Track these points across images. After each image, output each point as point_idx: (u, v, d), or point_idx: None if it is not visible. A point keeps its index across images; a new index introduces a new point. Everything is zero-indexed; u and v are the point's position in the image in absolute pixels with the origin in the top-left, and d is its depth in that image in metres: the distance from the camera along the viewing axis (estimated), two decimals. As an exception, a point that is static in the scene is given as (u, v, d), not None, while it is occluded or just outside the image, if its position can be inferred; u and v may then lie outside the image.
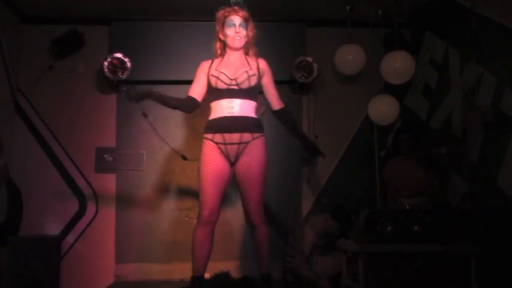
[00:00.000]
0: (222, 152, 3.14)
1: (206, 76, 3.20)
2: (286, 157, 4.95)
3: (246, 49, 3.29)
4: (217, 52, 3.30)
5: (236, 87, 3.13)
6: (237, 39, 3.20)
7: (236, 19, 3.20)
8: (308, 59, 4.89)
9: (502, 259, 3.59)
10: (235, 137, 3.12)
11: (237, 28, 3.19)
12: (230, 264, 4.58)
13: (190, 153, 4.82)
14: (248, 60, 3.24)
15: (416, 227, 3.46)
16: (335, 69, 4.89)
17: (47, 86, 4.93)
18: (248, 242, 4.75)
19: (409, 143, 4.51)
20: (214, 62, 3.25)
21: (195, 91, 3.25)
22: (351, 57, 4.70)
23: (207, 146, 3.16)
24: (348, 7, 4.59)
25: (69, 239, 4.81)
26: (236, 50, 3.24)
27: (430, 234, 3.49)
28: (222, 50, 3.29)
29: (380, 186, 4.85)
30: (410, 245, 3.46)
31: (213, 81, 3.16)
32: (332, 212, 4.43)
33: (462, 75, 4.27)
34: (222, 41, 3.27)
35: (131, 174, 4.92)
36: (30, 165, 4.86)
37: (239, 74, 3.15)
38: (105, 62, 4.70)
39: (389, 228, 3.46)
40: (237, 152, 3.13)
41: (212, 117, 3.19)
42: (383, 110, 4.69)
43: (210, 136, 3.16)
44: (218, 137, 3.13)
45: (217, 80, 3.15)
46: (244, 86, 3.14)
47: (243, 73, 3.15)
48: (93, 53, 4.95)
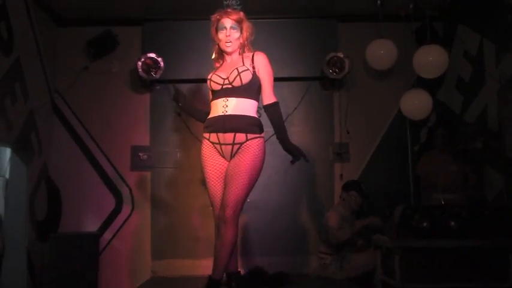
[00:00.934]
0: (218, 152, 3.18)
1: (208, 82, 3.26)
2: (318, 153, 4.96)
3: (242, 49, 3.27)
4: (214, 56, 3.35)
5: (229, 86, 3.13)
6: (228, 44, 3.19)
7: (227, 22, 3.19)
8: (339, 54, 4.87)
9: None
10: (228, 137, 3.11)
11: (228, 31, 3.18)
12: (265, 260, 4.63)
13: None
14: (244, 58, 3.22)
15: (452, 223, 3.44)
16: (366, 65, 4.86)
17: (83, 87, 5.05)
18: (282, 238, 4.83)
19: (444, 137, 4.47)
20: (216, 68, 3.31)
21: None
22: (382, 52, 4.66)
23: (205, 147, 3.21)
24: (379, 1, 4.55)
25: (107, 235, 4.92)
26: (229, 54, 3.25)
27: (466, 229, 3.47)
28: (219, 53, 3.31)
29: (414, 181, 4.81)
30: (447, 240, 3.44)
31: (210, 84, 3.22)
32: (358, 188, 4.51)
33: (498, 68, 4.20)
34: (218, 44, 3.28)
35: (165, 172, 5.01)
36: (68, 164, 4.99)
37: (230, 72, 3.15)
38: (139, 62, 4.79)
39: (424, 223, 3.45)
40: (231, 153, 3.14)
41: (209, 116, 3.23)
42: (416, 104, 4.63)
43: (207, 135, 3.21)
44: (213, 136, 3.17)
45: (212, 83, 3.19)
46: (236, 83, 3.11)
47: (233, 70, 3.13)
48: (126, 53, 5.06)
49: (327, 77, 4.93)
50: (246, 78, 3.11)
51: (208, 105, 3.29)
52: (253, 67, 3.16)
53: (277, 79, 3.41)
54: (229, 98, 3.12)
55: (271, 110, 3.16)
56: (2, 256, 4.13)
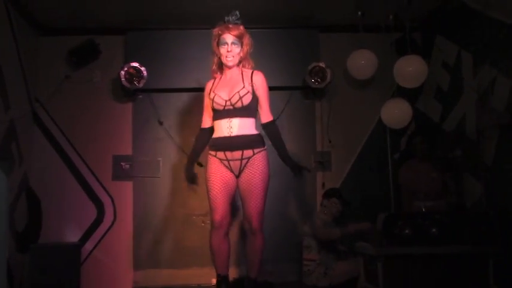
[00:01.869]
0: (226, 167, 3.32)
1: (208, 98, 3.39)
2: (300, 162, 4.91)
3: (241, 62, 3.40)
4: (213, 67, 3.46)
5: (231, 107, 3.28)
6: (229, 59, 3.33)
7: (228, 38, 3.31)
8: (321, 64, 4.93)
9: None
10: (236, 154, 3.29)
11: (229, 47, 3.31)
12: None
13: (206, 160, 4.84)
14: (243, 75, 3.35)
15: (434, 229, 3.50)
16: (347, 74, 4.93)
17: (65, 96, 5.01)
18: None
19: (423, 145, 4.55)
20: (214, 82, 3.42)
21: (205, 120, 3.50)
22: (363, 62, 4.75)
23: (212, 161, 3.36)
24: (360, 12, 4.63)
25: (88, 246, 4.87)
26: (230, 68, 3.37)
27: (447, 236, 3.53)
28: (219, 66, 3.44)
29: (394, 189, 4.87)
30: (429, 247, 3.50)
31: (211, 103, 3.35)
32: (339, 195, 4.55)
33: (475, 78, 4.30)
34: (219, 57, 3.40)
35: (148, 182, 4.98)
36: (49, 174, 4.94)
37: (232, 95, 3.28)
38: (122, 71, 4.78)
39: (407, 230, 3.50)
40: (240, 167, 3.30)
41: (214, 136, 3.39)
42: (396, 113, 4.71)
43: (213, 153, 3.36)
44: (221, 154, 3.32)
45: (213, 102, 3.32)
46: (238, 105, 3.27)
47: (235, 94, 3.27)
48: (109, 62, 5.04)
49: (308, 86, 4.99)
50: (247, 100, 3.29)
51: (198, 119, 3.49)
52: (252, 86, 3.31)
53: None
54: (232, 119, 3.29)
55: (270, 128, 3.41)
56: None
